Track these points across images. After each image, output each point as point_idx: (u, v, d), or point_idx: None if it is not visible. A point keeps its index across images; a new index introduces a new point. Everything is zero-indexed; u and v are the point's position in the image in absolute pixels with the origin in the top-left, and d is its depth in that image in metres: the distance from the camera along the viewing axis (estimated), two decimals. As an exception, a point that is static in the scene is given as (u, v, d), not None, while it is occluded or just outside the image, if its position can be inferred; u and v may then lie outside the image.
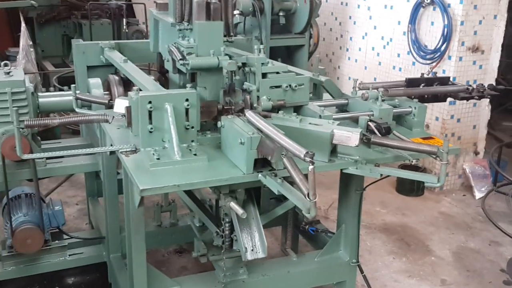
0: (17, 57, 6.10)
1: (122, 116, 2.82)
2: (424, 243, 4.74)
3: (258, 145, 2.48)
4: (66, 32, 7.92)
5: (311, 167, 2.12)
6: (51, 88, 4.35)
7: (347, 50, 6.84)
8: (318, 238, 3.82)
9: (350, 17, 6.72)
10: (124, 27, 6.92)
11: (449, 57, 5.31)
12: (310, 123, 2.77)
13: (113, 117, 2.86)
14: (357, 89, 3.33)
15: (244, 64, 2.98)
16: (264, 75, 2.95)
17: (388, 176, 2.73)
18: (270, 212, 3.25)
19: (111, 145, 2.91)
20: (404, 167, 5.17)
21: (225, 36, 3.09)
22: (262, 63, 2.96)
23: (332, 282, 3.51)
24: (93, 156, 3.63)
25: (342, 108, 3.34)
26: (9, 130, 3.22)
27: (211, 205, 3.56)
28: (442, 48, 5.26)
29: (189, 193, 3.28)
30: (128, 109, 2.69)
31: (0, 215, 4.22)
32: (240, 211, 2.65)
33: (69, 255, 3.81)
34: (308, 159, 2.14)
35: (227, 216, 3.06)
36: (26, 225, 3.48)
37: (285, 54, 6.26)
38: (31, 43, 6.31)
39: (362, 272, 3.56)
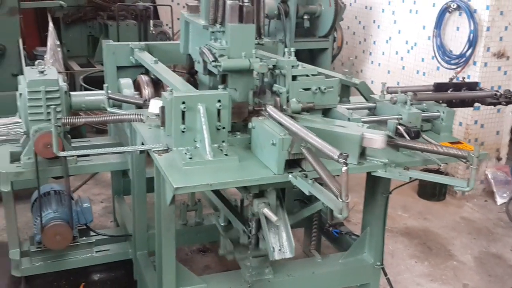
0: (45, 56, 6.21)
1: (156, 116, 2.88)
2: (446, 248, 4.73)
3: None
4: (92, 33, 8.02)
5: (344, 168, 2.15)
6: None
7: (370, 54, 6.85)
8: (341, 240, 3.85)
9: (374, 21, 6.73)
10: (151, 28, 7.00)
11: (474, 63, 5.30)
12: (339, 125, 2.80)
13: (148, 116, 2.92)
14: (385, 92, 3.35)
15: (274, 66, 3.02)
16: (294, 78, 2.99)
17: (416, 179, 2.75)
18: (297, 213, 3.29)
19: (143, 144, 2.99)
20: (426, 171, 5.14)
21: (255, 38, 3.14)
22: (292, 66, 3.01)
23: (356, 284, 3.53)
24: (122, 155, 3.69)
25: (368, 112, 3.37)
26: (42, 128, 3.28)
27: (236, 205, 3.60)
28: (468, 53, 5.26)
29: (217, 192, 3.32)
30: (162, 109, 2.75)
31: (29, 212, 4.33)
32: (274, 218, 2.68)
33: (96, 251, 3.88)
34: (342, 160, 2.17)
35: (253, 216, 3.10)
36: (56, 221, 3.55)
37: (308, 57, 6.29)
38: (58, 43, 6.42)
39: (386, 275, 3.58)
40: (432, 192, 5.58)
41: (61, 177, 3.80)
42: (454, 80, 3.52)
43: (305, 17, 6.00)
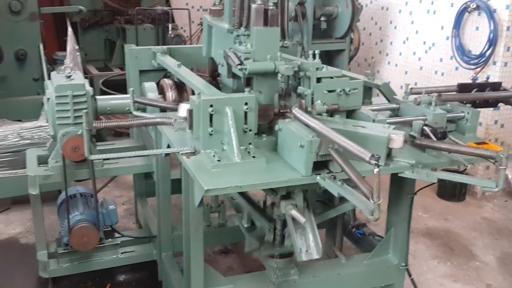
0: (65, 61, 6.28)
1: (183, 119, 2.91)
2: (468, 248, 4.72)
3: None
4: (109, 37, 8.10)
5: (376, 169, 2.17)
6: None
7: (387, 54, 6.84)
8: (364, 241, 3.86)
9: (391, 22, 6.73)
10: (170, 32, 7.05)
11: (494, 63, 5.28)
12: (365, 127, 2.81)
13: (176, 120, 2.95)
14: (408, 93, 3.36)
15: (298, 68, 3.04)
16: (318, 80, 3.01)
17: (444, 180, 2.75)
18: (323, 214, 3.31)
19: (169, 147, 3.02)
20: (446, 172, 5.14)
21: (280, 41, 3.16)
22: (317, 68, 3.03)
23: (381, 285, 3.53)
24: (147, 158, 3.74)
25: (391, 113, 3.38)
26: (70, 132, 3.35)
27: (260, 206, 3.62)
28: (487, 53, 5.24)
29: (242, 193, 3.35)
30: (190, 112, 2.78)
31: (52, 214, 4.39)
32: (302, 219, 2.71)
33: (121, 253, 3.94)
34: (373, 162, 2.19)
35: (279, 218, 3.12)
36: (83, 223, 3.62)
37: (325, 59, 6.27)
38: (77, 47, 6.49)
39: (410, 275, 3.58)
40: (452, 192, 5.56)
41: (83, 180, 3.88)
42: (475, 80, 3.50)
43: (322, 18, 6.01)
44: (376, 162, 2.18)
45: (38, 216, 3.60)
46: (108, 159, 3.47)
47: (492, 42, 5.19)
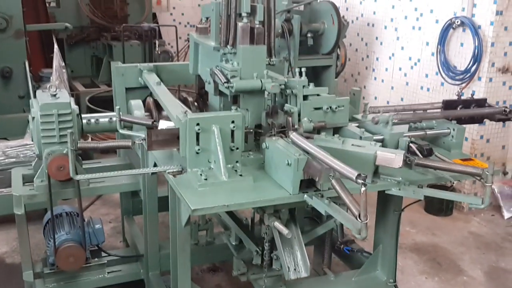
0: (51, 78, 6.24)
1: (142, 140, 2.85)
2: (455, 263, 4.73)
3: (304, 166, 2.54)
4: (95, 53, 8.09)
5: (363, 188, 2.17)
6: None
7: (373, 70, 6.90)
8: (353, 257, 3.85)
9: (376, 38, 6.79)
10: (157, 49, 7.06)
11: (479, 78, 5.35)
12: (352, 145, 2.82)
13: (135, 142, 2.96)
14: (367, 112, 3.34)
15: (285, 86, 3.05)
16: (305, 97, 3.02)
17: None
18: (311, 232, 3.31)
19: (156, 165, 3.01)
20: (432, 187, 5.17)
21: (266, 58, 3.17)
22: (303, 86, 3.04)
23: (369, 302, 3.52)
24: (133, 176, 3.70)
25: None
26: (55, 151, 3.29)
27: (247, 224, 3.61)
28: (472, 69, 5.30)
29: (229, 212, 3.34)
30: (149, 132, 2.75)
31: (38, 233, 4.33)
32: (285, 231, 2.70)
33: (108, 272, 3.87)
34: (360, 181, 2.19)
35: (267, 235, 3.11)
36: (69, 243, 3.56)
37: (312, 75, 6.32)
38: (63, 64, 6.46)
39: (398, 292, 3.57)
40: (439, 207, 5.59)
41: (69, 198, 3.83)
42: (460, 96, 3.54)
43: (309, 35, 6.04)
44: (362, 181, 2.18)
45: (23, 236, 3.54)
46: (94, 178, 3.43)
47: (477, 58, 5.25)
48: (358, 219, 2.20)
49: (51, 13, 7.72)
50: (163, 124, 3.10)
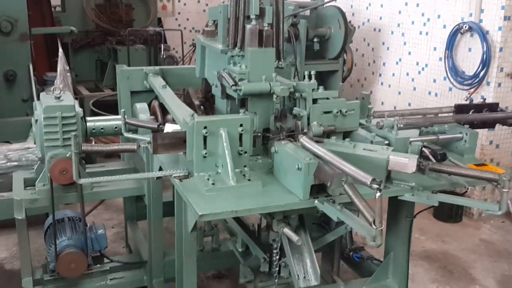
0: (55, 81, 6.20)
1: (148, 143, 2.79)
2: (467, 271, 4.63)
3: (315, 171, 2.46)
4: (100, 57, 8.04)
5: (378, 194, 2.10)
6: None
7: (380, 75, 6.83)
8: (362, 265, 3.76)
9: (383, 43, 6.73)
10: (162, 53, 7.01)
11: (488, 83, 5.27)
12: (364, 149, 2.75)
13: (140, 146, 2.89)
14: (371, 117, 3.26)
15: (294, 89, 2.98)
16: (314, 101, 2.96)
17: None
18: (321, 238, 3.22)
19: (161, 168, 2.94)
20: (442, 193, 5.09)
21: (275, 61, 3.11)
22: (313, 89, 2.98)
23: (380, 311, 3.43)
24: (138, 180, 3.63)
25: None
26: (58, 154, 3.24)
27: (254, 230, 3.53)
28: (481, 74, 5.23)
29: (236, 217, 3.26)
30: (154, 136, 2.68)
31: (39, 238, 4.25)
32: (295, 238, 2.62)
33: (110, 279, 3.79)
34: (375, 186, 2.11)
35: (275, 242, 3.03)
36: (71, 249, 3.49)
37: (318, 80, 6.23)
38: (68, 68, 6.42)
39: (410, 301, 3.48)
40: (448, 213, 5.49)
41: (72, 203, 3.76)
42: (469, 101, 3.46)
43: (315, 40, 6.00)
44: (377, 186, 2.10)
45: (24, 242, 3.46)
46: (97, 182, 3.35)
47: (485, 63, 5.18)
48: (373, 225, 2.12)
49: (57, 17, 7.69)
50: (169, 127, 3.04)
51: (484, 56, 5.18)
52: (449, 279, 4.49)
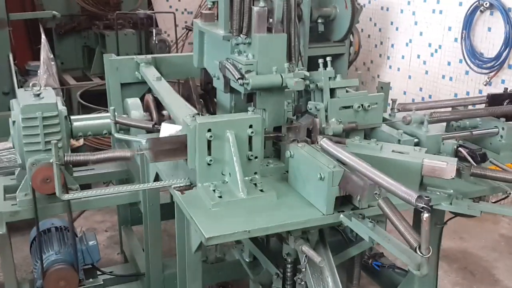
0: (38, 71, 5.79)
1: (146, 149, 2.38)
2: (490, 272, 4.32)
3: (341, 180, 2.09)
4: (87, 43, 7.61)
5: (426, 215, 1.73)
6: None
7: (388, 58, 6.45)
8: (383, 274, 3.42)
9: (391, 23, 6.34)
10: (154, 38, 6.57)
11: (510, 66, 4.90)
12: (393, 151, 2.38)
13: (136, 153, 2.51)
14: (395, 110, 2.88)
15: (306, 79, 2.59)
16: (332, 92, 2.57)
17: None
18: (343, 253, 2.85)
19: (159, 177, 2.57)
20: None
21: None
22: (330, 78, 2.59)
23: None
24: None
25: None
26: (39, 160, 2.86)
27: (263, 238, 3.17)
28: (503, 56, 4.86)
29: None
30: (152, 143, 2.30)
31: (27, 245, 3.88)
32: (317, 258, 2.25)
33: (104, 294, 3.45)
34: (421, 205, 1.74)
35: (289, 256, 2.68)
36: (59, 265, 3.13)
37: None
38: (52, 56, 6.01)
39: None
40: (465, 207, 5.15)
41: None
42: (487, 86, 3.10)
43: (319, 20, 5.56)
44: (425, 205, 1.73)
45: (7, 258, 3.10)
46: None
47: (508, 44, 4.81)
48: (418, 252, 1.76)
49: (38, 1, 7.21)
50: (165, 128, 2.66)
51: (507, 36, 4.82)
52: (472, 282, 4.18)
